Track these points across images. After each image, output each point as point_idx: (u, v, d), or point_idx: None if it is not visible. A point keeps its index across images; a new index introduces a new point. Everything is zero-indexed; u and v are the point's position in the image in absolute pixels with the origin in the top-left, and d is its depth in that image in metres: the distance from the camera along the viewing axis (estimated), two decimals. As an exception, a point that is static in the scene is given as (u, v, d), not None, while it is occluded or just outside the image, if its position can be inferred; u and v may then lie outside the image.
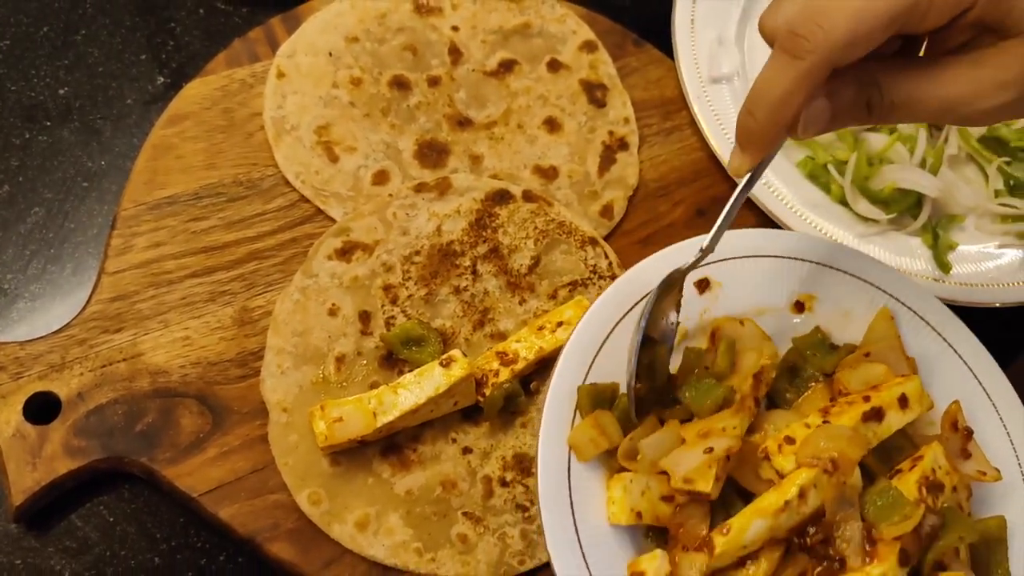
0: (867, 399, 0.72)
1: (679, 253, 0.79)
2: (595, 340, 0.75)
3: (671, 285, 0.75)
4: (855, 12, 0.58)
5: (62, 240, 0.88)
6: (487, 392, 0.79)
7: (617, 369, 0.74)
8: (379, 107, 0.94)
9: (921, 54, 0.66)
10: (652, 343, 0.74)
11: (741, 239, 0.82)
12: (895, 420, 0.72)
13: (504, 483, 0.79)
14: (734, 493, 0.70)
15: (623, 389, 0.73)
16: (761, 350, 0.75)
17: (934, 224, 0.99)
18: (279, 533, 0.75)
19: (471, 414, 0.81)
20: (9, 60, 0.96)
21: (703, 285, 0.80)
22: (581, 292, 0.87)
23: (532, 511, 0.78)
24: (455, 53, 0.98)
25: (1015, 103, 0.60)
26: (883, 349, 0.77)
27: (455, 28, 0.99)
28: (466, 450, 0.80)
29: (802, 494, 0.66)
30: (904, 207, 0.99)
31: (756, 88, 0.62)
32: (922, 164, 1.00)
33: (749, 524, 0.66)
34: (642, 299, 0.76)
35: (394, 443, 0.79)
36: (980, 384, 0.81)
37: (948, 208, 1.02)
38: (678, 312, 0.76)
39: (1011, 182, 1.03)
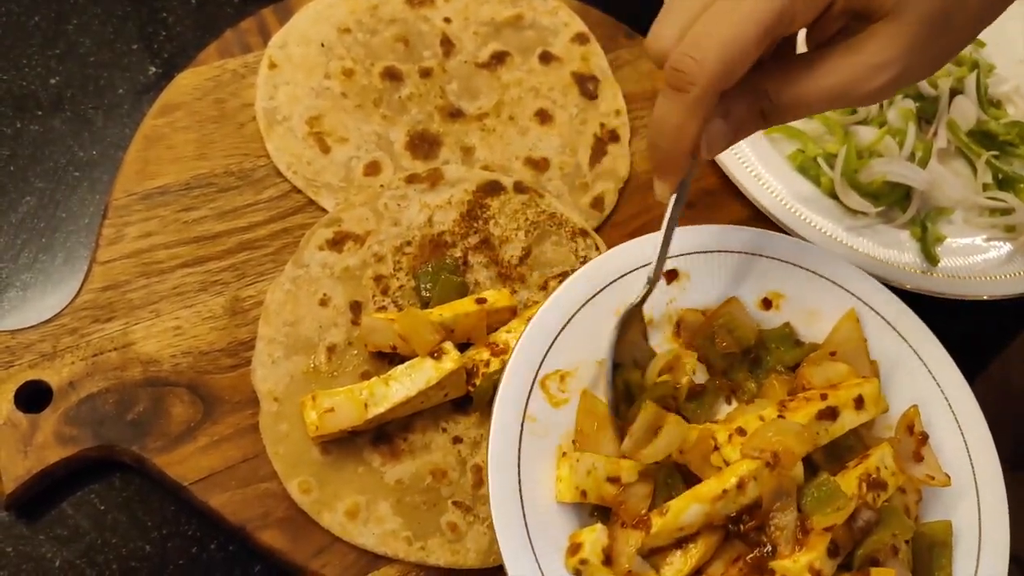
0: (824, 397, 0.73)
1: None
2: (555, 324, 0.75)
3: (630, 319, 0.77)
4: (725, 40, 0.59)
5: (53, 229, 0.88)
6: (477, 382, 0.80)
7: (579, 348, 0.75)
8: (371, 98, 0.94)
9: (803, 49, 0.67)
10: (624, 369, 0.77)
11: (711, 234, 0.82)
12: (849, 420, 0.73)
13: (494, 472, 0.79)
14: (680, 478, 0.72)
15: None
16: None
17: (923, 217, 1.00)
18: (270, 521, 0.75)
19: (461, 404, 0.81)
20: (0, 49, 0.96)
21: (671, 275, 0.80)
22: (571, 283, 0.88)
23: (521, 500, 0.79)
24: (447, 45, 0.98)
25: (895, 80, 0.63)
26: (848, 350, 0.78)
27: (447, 20, 0.99)
28: (456, 440, 0.80)
29: (741, 485, 0.68)
30: (893, 200, 0.99)
31: (655, 120, 0.64)
32: (911, 157, 1.00)
33: (686, 507, 0.68)
34: (614, 281, 0.78)
35: (384, 432, 0.79)
36: (941, 391, 0.81)
37: (937, 201, 1.02)
38: (646, 339, 0.79)
39: (999, 176, 1.04)
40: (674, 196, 0.71)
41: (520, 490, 0.70)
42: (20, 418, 0.75)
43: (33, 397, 0.76)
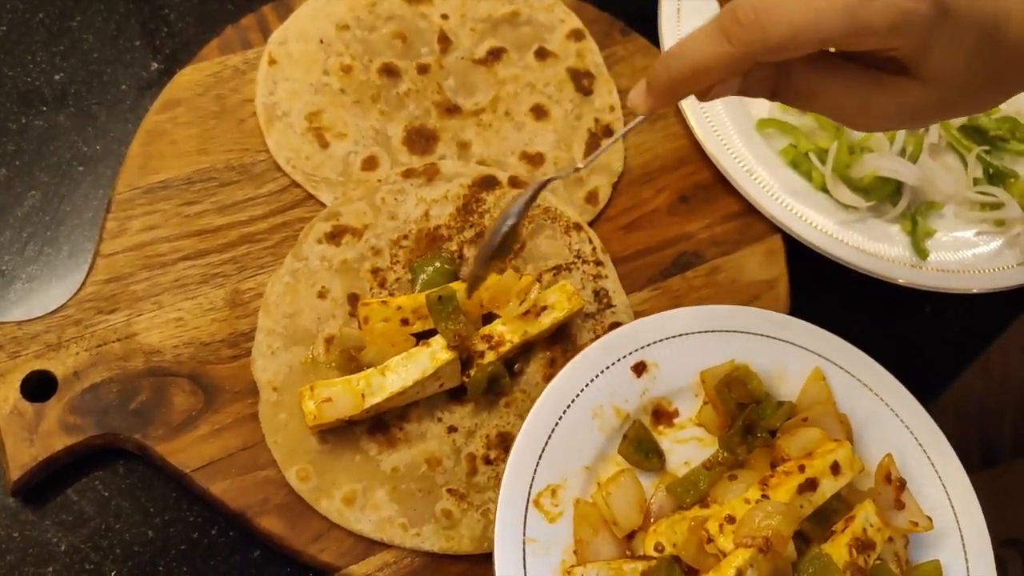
0: (802, 469, 0.75)
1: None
2: (538, 442, 0.77)
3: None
4: (796, 24, 0.57)
5: (58, 223, 0.90)
6: (472, 373, 0.81)
7: (564, 460, 0.77)
8: (369, 94, 0.95)
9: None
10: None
11: (672, 320, 0.84)
12: (828, 487, 0.75)
13: (488, 461, 0.81)
14: (680, 572, 0.73)
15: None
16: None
17: (913, 211, 1.01)
18: (269, 508, 0.77)
19: (456, 394, 0.83)
20: (5, 46, 0.98)
21: (639, 368, 0.82)
22: (565, 276, 0.89)
23: (515, 488, 0.80)
24: (444, 41, 0.99)
25: (898, 124, 0.66)
26: (818, 413, 0.80)
27: (444, 16, 1.01)
28: (451, 429, 0.82)
29: (740, 575, 0.69)
30: (884, 195, 1.01)
31: (682, 46, 0.61)
32: (902, 152, 1.01)
33: None
34: (585, 387, 0.80)
35: (381, 421, 0.81)
36: (912, 434, 0.83)
37: (927, 196, 1.03)
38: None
39: (990, 171, 1.05)
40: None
41: None
42: (26, 407, 0.77)
43: (39, 387, 0.78)
